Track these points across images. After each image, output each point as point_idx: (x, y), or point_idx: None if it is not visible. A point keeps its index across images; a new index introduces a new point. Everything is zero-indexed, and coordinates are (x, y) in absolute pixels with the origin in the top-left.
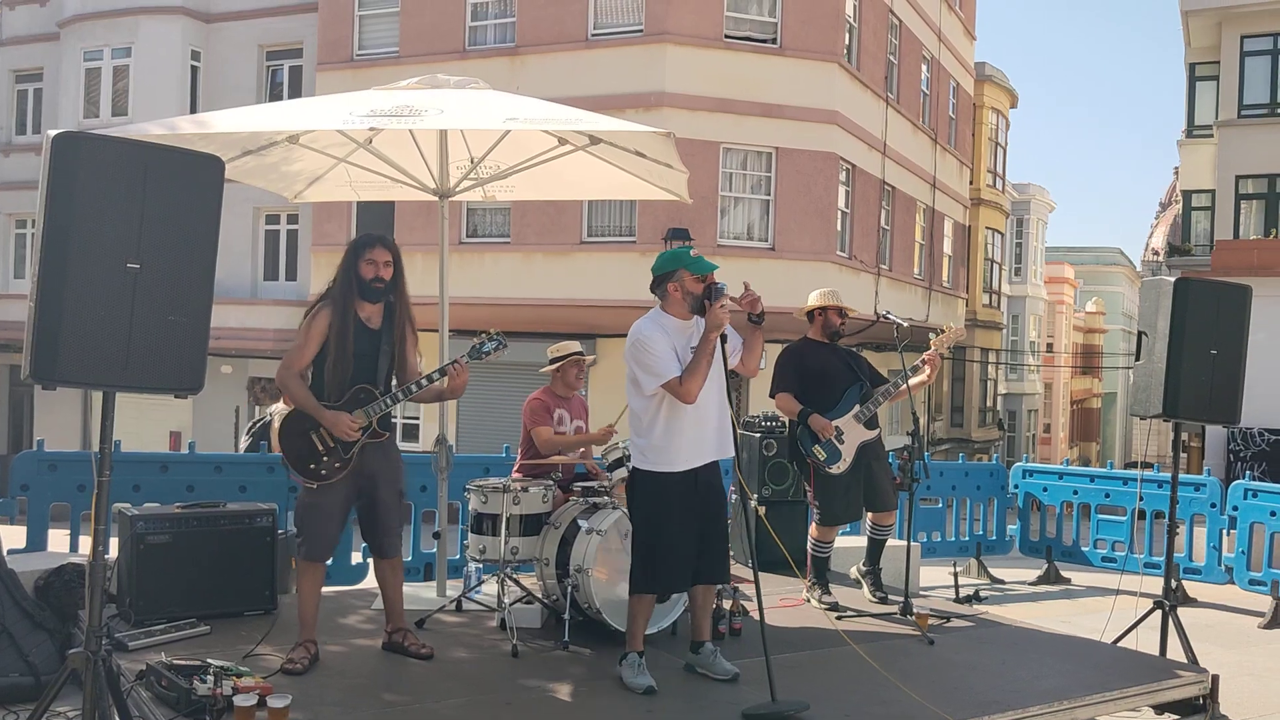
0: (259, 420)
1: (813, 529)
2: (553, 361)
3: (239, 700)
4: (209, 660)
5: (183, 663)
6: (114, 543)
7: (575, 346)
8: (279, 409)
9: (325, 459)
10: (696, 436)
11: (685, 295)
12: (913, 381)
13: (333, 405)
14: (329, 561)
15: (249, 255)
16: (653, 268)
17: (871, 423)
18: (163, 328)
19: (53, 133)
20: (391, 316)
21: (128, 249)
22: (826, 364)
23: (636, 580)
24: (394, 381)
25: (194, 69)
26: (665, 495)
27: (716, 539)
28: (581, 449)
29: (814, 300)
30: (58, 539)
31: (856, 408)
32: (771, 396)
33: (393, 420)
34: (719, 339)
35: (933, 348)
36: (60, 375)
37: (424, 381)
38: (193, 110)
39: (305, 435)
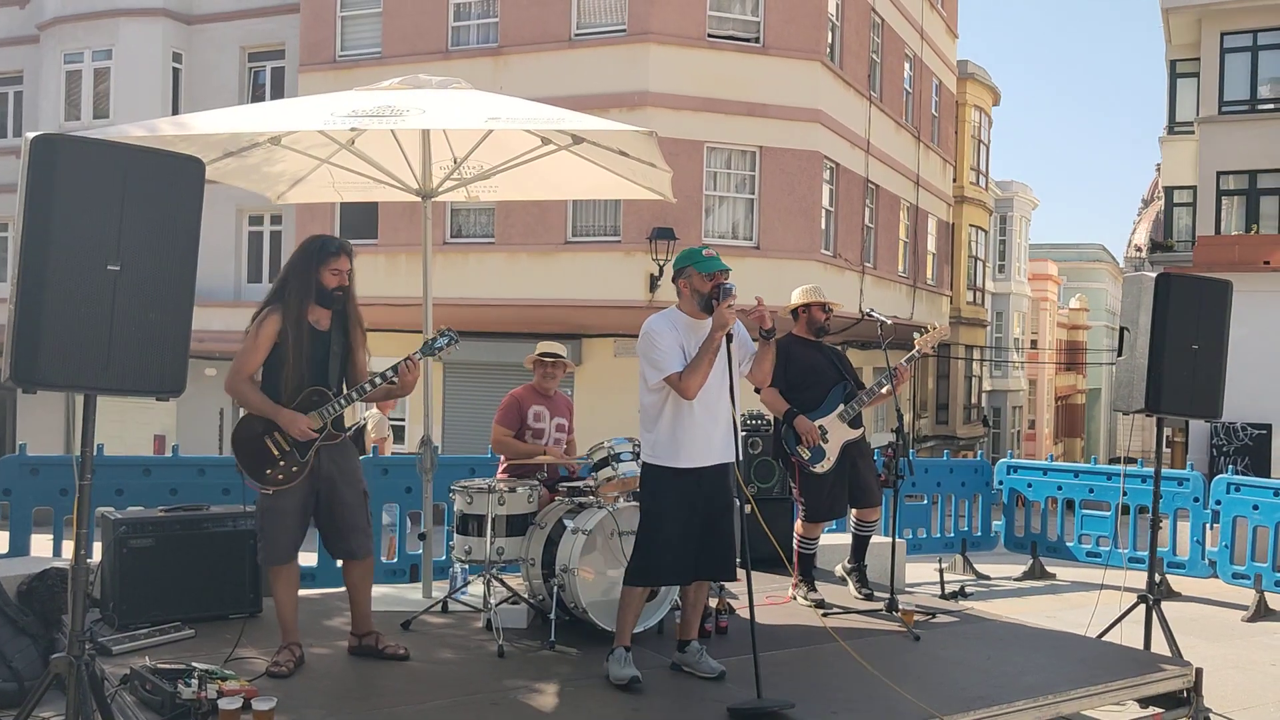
0: (355, 425)
1: (798, 525)
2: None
3: (224, 704)
4: (193, 664)
5: (167, 666)
6: (97, 547)
7: (555, 348)
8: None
9: (281, 464)
10: (704, 436)
11: (693, 293)
12: (885, 388)
13: (296, 408)
14: (298, 562)
15: (232, 257)
16: (673, 264)
17: (856, 421)
18: (144, 330)
19: (31, 135)
20: (340, 318)
21: (108, 251)
22: (812, 361)
23: (630, 572)
24: (344, 382)
25: (175, 71)
26: (666, 490)
27: (720, 539)
28: (565, 449)
29: (797, 297)
30: (40, 543)
31: (841, 407)
32: (756, 392)
33: (346, 422)
34: (725, 340)
35: (917, 346)
36: (41, 378)
37: (377, 380)
38: (175, 112)
39: (259, 440)
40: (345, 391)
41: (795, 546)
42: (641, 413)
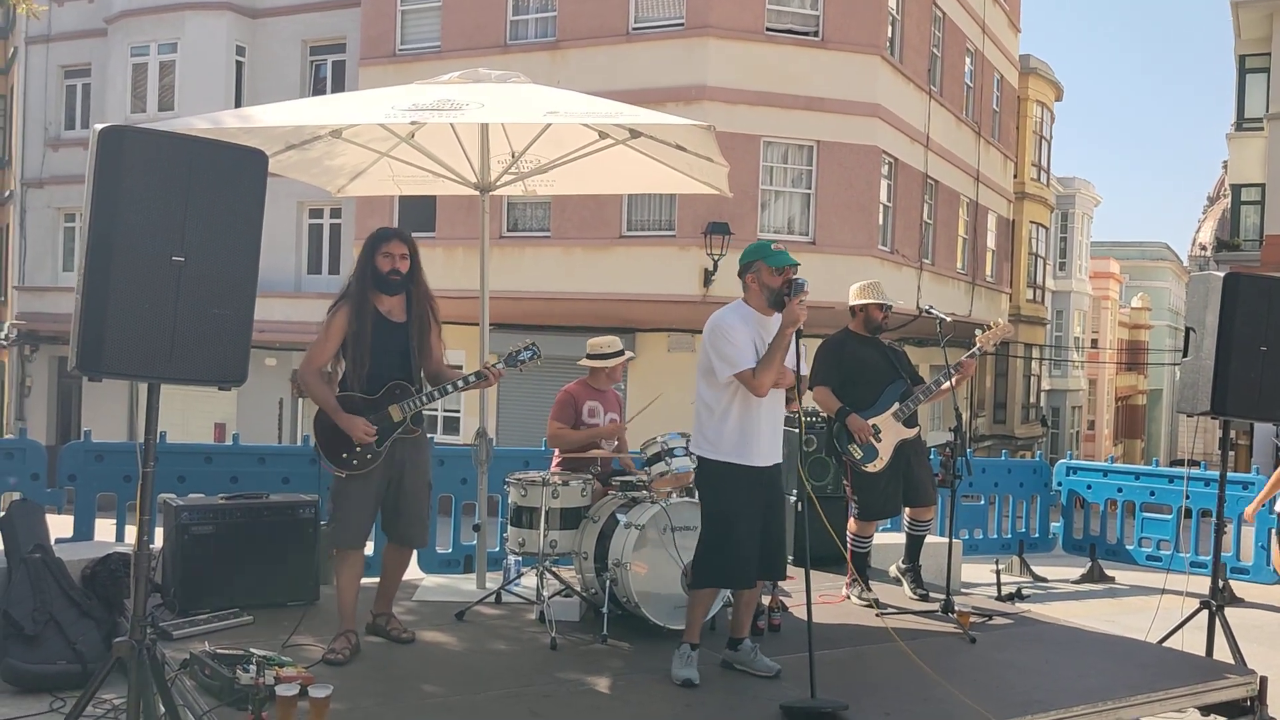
0: None
1: (851, 524)
2: (595, 356)
3: (281, 690)
4: (252, 650)
5: (226, 652)
6: (159, 533)
7: (617, 344)
8: None
9: (359, 449)
10: (769, 434)
11: (762, 288)
12: (944, 385)
13: (367, 399)
14: (368, 551)
15: (293, 249)
16: (739, 258)
17: (910, 421)
18: (207, 320)
19: (99, 127)
20: (414, 310)
21: (172, 242)
22: (867, 359)
23: (703, 574)
24: (420, 371)
25: (239, 64)
26: (738, 489)
27: (777, 537)
28: (616, 444)
29: (855, 297)
30: (104, 528)
31: (895, 405)
32: (810, 390)
33: (423, 415)
34: (795, 336)
35: (978, 343)
36: (105, 367)
37: (460, 384)
38: (237, 105)
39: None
40: (428, 389)
41: (848, 545)
42: (704, 409)
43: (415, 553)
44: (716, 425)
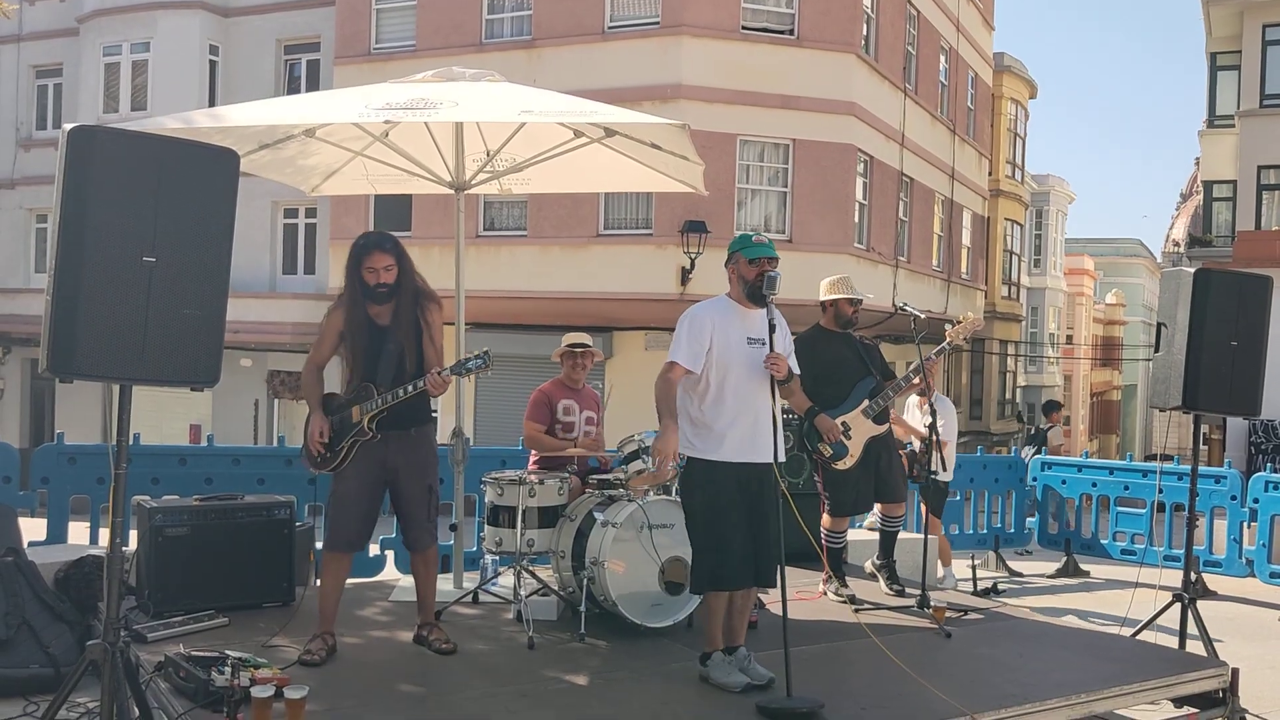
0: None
1: (824, 519)
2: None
3: (256, 692)
4: (227, 652)
5: (201, 654)
6: (133, 535)
7: (583, 339)
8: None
9: (324, 448)
10: (752, 429)
11: (739, 280)
12: (913, 381)
13: (345, 399)
14: (351, 557)
15: (267, 248)
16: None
17: (880, 417)
18: (179, 321)
19: (69, 127)
20: (401, 313)
21: (144, 243)
22: (838, 355)
23: (700, 580)
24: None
25: (212, 63)
26: (717, 485)
27: (771, 541)
28: (591, 441)
29: (825, 292)
30: (77, 531)
31: (865, 402)
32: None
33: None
34: (768, 331)
35: (948, 337)
36: (77, 368)
37: (409, 388)
38: (211, 104)
39: None
40: (384, 394)
41: (823, 541)
42: (681, 396)
43: (393, 553)
44: (691, 421)
